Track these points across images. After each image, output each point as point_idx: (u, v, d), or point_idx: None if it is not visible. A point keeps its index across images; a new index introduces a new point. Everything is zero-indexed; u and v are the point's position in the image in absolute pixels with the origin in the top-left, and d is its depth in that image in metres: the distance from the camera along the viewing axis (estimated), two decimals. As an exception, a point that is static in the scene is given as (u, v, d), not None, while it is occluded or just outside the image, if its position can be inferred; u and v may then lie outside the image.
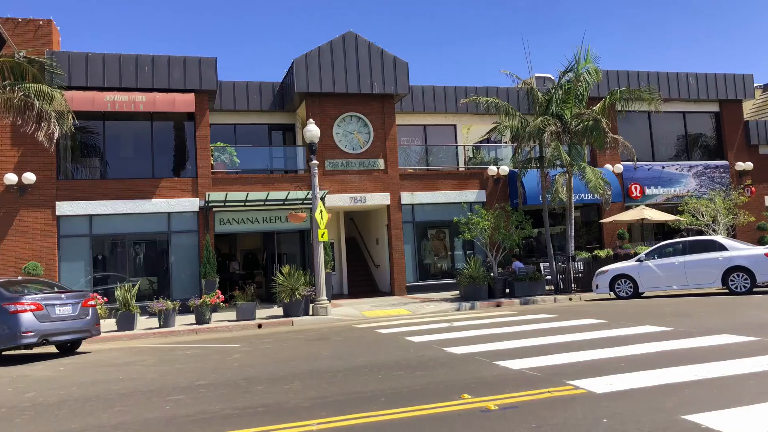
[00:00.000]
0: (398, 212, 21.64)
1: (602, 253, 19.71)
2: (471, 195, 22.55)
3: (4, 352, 11.25)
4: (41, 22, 19.62)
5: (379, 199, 21.43)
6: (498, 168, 22.68)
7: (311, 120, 17.47)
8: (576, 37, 72.41)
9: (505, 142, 24.02)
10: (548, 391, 6.26)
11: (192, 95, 19.45)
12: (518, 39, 69.01)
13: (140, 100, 19.01)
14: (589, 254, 20.03)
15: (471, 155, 24.33)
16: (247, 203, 19.35)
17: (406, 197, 21.75)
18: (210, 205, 19.24)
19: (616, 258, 19.15)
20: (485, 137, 23.49)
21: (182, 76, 19.70)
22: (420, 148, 23.77)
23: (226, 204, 19.27)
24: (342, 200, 21.07)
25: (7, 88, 15.54)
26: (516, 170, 21.08)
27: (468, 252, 22.30)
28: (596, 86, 21.35)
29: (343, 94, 21.38)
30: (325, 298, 16.17)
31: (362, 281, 23.56)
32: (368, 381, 7.40)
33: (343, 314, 16.00)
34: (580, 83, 19.00)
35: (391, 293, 21.44)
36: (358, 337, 11.91)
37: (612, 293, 17.25)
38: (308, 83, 20.80)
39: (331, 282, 19.49)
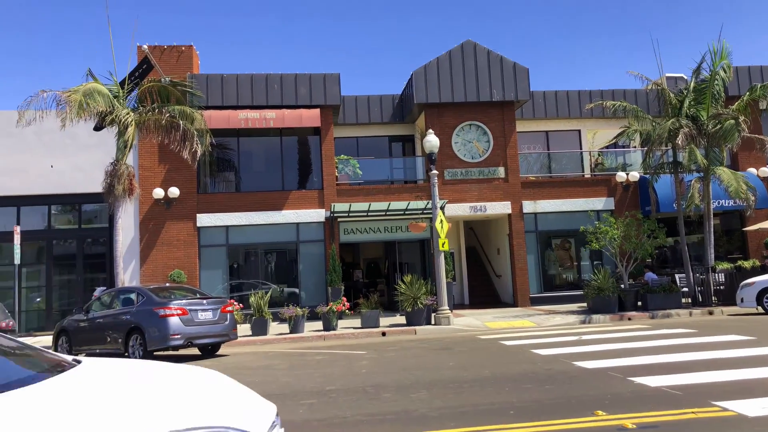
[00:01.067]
0: (520, 221, 21.21)
1: (747, 264, 18.14)
2: (598, 203, 21.63)
3: (155, 353, 12.29)
4: (183, 48, 21.35)
5: (500, 208, 21.12)
6: (627, 174, 21.58)
7: (430, 130, 17.61)
8: (706, 32, 67.37)
9: (634, 147, 22.82)
10: (692, 412, 5.86)
11: (317, 110, 20.31)
12: (643, 37, 65.40)
13: (270, 117, 20.13)
14: (732, 265, 18.49)
15: (597, 161, 23.36)
16: (369, 213, 19.83)
17: (528, 206, 21.27)
18: (335, 215, 19.93)
19: (764, 269, 17.52)
20: (612, 142, 22.47)
21: (308, 92, 20.64)
22: (542, 155, 23.19)
23: (350, 214, 19.86)
24: (461, 210, 21.01)
25: (156, 110, 17.12)
26: (647, 176, 19.95)
27: (595, 262, 21.38)
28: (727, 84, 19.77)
29: (462, 104, 21.36)
30: (447, 307, 16.17)
31: (483, 291, 23.29)
32: (495, 393, 7.31)
33: (465, 324, 15.91)
34: (716, 81, 17.69)
35: (513, 304, 21.02)
36: (483, 348, 11.79)
37: (760, 308, 15.79)
38: (427, 94, 21.00)
39: (452, 292, 19.46)
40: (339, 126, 22.36)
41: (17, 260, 16.51)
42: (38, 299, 20.01)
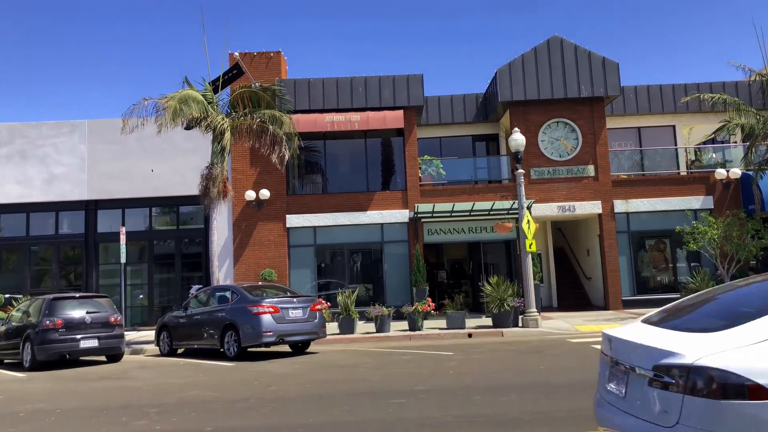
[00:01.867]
0: (611, 221, 20.47)
1: None
2: (695, 201, 20.52)
3: (249, 349, 12.79)
4: (272, 54, 22.07)
5: (589, 207, 20.47)
6: (728, 171, 20.36)
7: (516, 129, 17.32)
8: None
9: (735, 142, 21.50)
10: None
11: (401, 112, 20.44)
12: (742, 26, 61.34)
13: (355, 119, 20.45)
14: None
15: (694, 158, 22.18)
16: (453, 214, 19.75)
17: (620, 205, 20.49)
18: (419, 216, 19.99)
19: None
20: (710, 137, 21.24)
21: (392, 94, 20.82)
22: (634, 152, 22.27)
23: (434, 215, 19.86)
24: (549, 210, 20.52)
25: (247, 115, 17.80)
26: (750, 173, 18.75)
27: (693, 264, 20.30)
28: None
29: (549, 101, 20.87)
30: (535, 309, 15.86)
31: (572, 294, 22.63)
32: (590, 398, 7.11)
33: (554, 327, 15.55)
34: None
35: (604, 307, 20.30)
36: (573, 351, 11.50)
37: None
38: (512, 92, 20.67)
39: (539, 294, 19.03)
40: (422, 126, 22.40)
41: (123, 259, 17.62)
42: (141, 296, 21.29)
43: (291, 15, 68.97)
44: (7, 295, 18.39)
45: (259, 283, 16.16)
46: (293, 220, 20.55)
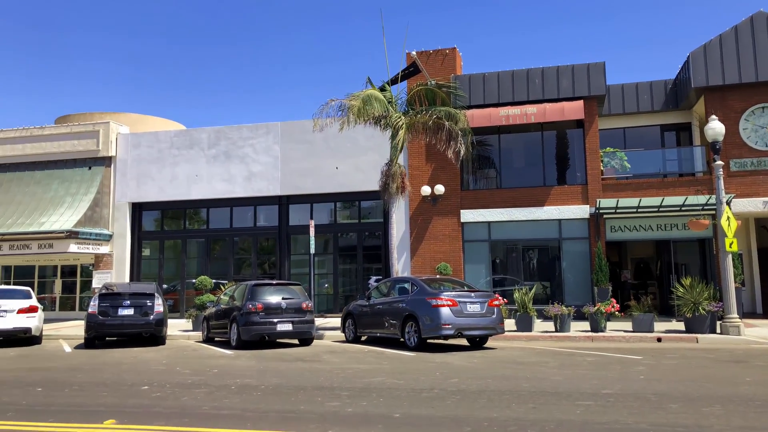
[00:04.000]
0: (831, 218, 17.89)
1: None
2: None
3: (428, 341, 13.15)
4: (447, 51, 22.33)
5: (804, 202, 18.07)
6: None
7: (713, 116, 15.79)
8: None
9: None
10: None
11: (581, 102, 19.62)
12: None
13: (531, 112, 20.02)
14: None
15: None
16: (639, 210, 18.55)
17: (843, 200, 17.83)
18: (600, 211, 19.06)
19: None
20: None
21: (570, 84, 20.05)
22: None
23: (617, 211, 18.81)
24: (752, 205, 18.45)
25: (423, 112, 18.21)
26: None
27: None
28: None
29: (752, 84, 18.76)
30: (736, 315, 14.37)
31: (779, 299, 20.14)
32: (811, 418, 6.34)
33: (759, 336, 13.98)
34: None
35: (821, 315, 17.83)
36: (785, 364, 10.27)
37: None
38: (707, 76, 18.87)
39: (740, 298, 17.21)
40: (603, 117, 21.30)
41: (312, 250, 18.98)
42: (326, 285, 22.81)
43: (464, 6, 69.05)
44: (215, 281, 20.68)
45: (437, 276, 16.52)
46: (467, 215, 20.66)
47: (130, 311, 14.78)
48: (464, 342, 14.04)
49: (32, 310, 15.48)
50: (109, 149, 23.87)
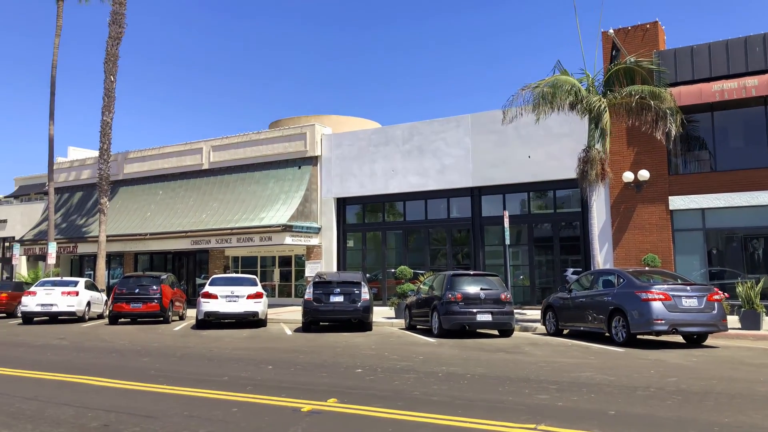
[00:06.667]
0: None
1: None
2: None
3: (637, 336, 12.43)
4: (648, 26, 20.73)
5: None
6: None
7: None
8: None
9: None
10: None
11: (817, 69, 17.05)
12: None
13: (752, 85, 17.86)
14: None
15: None
16: None
17: None
18: None
19: None
20: None
21: (803, 49, 17.50)
22: None
23: None
24: None
25: (623, 93, 17.13)
26: None
27: None
28: None
29: None
30: None
31: None
32: None
33: None
34: None
35: None
36: None
37: None
38: None
39: None
40: None
41: (507, 241, 18.89)
42: (521, 276, 22.54)
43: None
44: (413, 271, 21.52)
45: (645, 268, 15.50)
46: (677, 202, 19.07)
47: (341, 298, 15.97)
48: (678, 339, 13.02)
49: (258, 296, 17.45)
50: (315, 149, 25.92)
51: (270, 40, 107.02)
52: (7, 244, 35.98)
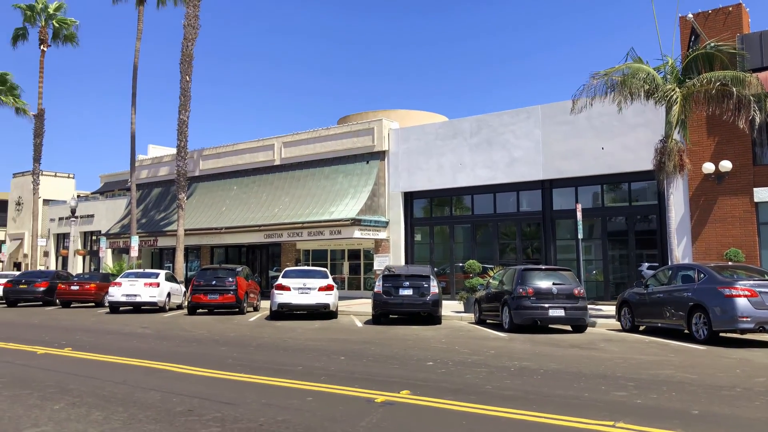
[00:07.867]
0: None
1: None
2: None
3: (720, 334, 11.90)
4: (730, 9, 19.72)
5: None
6: None
7: None
8: None
9: None
10: None
11: None
12: None
13: None
14: None
15: None
16: None
17: None
18: None
19: None
20: None
21: None
22: None
23: None
24: None
25: (704, 80, 16.33)
26: None
27: None
28: None
29: None
30: None
31: None
32: None
33: None
34: None
35: None
36: None
37: None
38: None
39: None
40: None
41: (580, 235, 18.44)
42: (594, 271, 21.95)
43: (746, -44, 59.77)
44: (482, 265, 21.36)
45: (728, 263, 14.79)
46: (762, 194, 18.12)
47: (410, 291, 16.05)
48: (765, 337, 12.38)
49: (329, 288, 17.79)
50: (382, 144, 26.10)
51: (335, 34, 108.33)
52: (94, 237, 38.15)
